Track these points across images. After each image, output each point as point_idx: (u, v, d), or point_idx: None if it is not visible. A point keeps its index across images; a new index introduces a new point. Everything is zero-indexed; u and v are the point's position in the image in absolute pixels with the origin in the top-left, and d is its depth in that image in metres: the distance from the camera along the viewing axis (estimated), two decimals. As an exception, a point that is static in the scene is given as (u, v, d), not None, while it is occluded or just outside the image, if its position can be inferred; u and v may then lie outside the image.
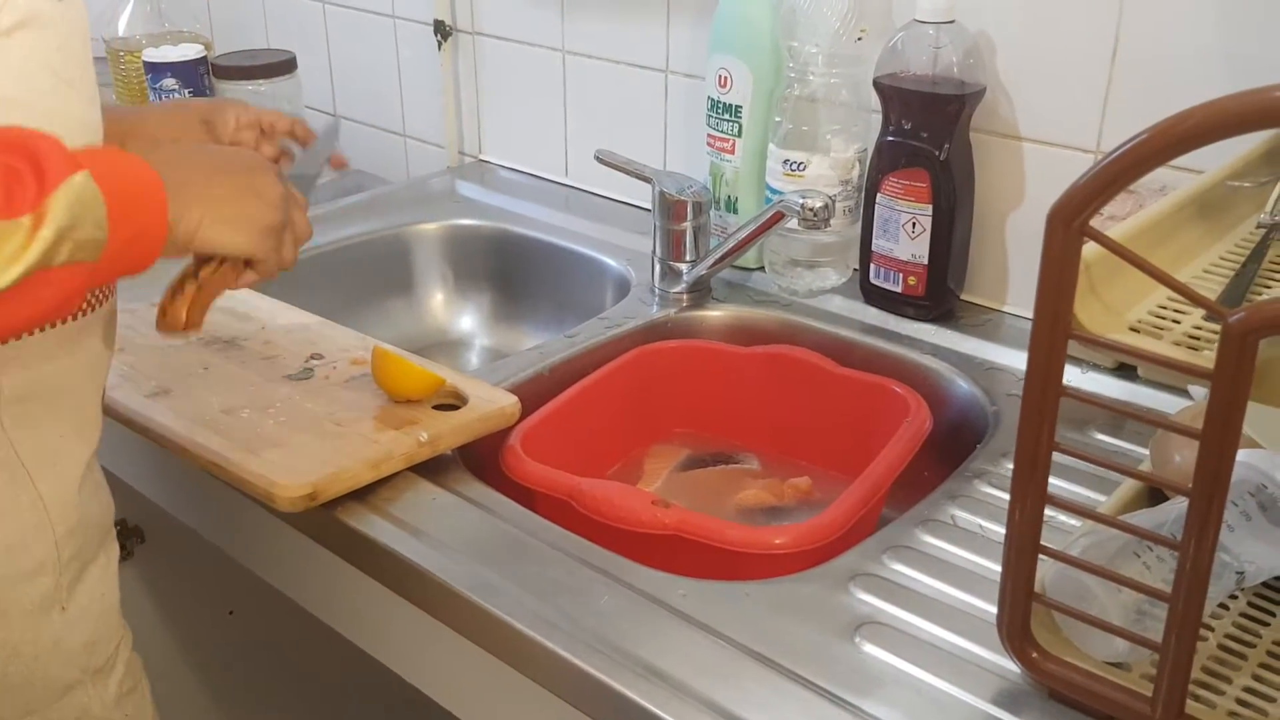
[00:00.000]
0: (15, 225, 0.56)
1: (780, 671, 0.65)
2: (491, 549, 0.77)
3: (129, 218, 0.62)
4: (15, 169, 0.58)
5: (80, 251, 0.59)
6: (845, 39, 1.04)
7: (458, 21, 1.45)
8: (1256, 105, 0.45)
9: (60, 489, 0.71)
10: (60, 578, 0.72)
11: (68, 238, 0.58)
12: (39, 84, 0.65)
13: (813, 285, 1.12)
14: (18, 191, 0.57)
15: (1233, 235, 0.70)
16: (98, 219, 0.60)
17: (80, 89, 0.69)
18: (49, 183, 0.58)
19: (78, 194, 0.59)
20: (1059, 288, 0.52)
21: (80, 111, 0.69)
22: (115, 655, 0.78)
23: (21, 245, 0.57)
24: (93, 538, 0.75)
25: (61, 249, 0.58)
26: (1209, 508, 0.51)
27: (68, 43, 0.67)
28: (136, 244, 0.64)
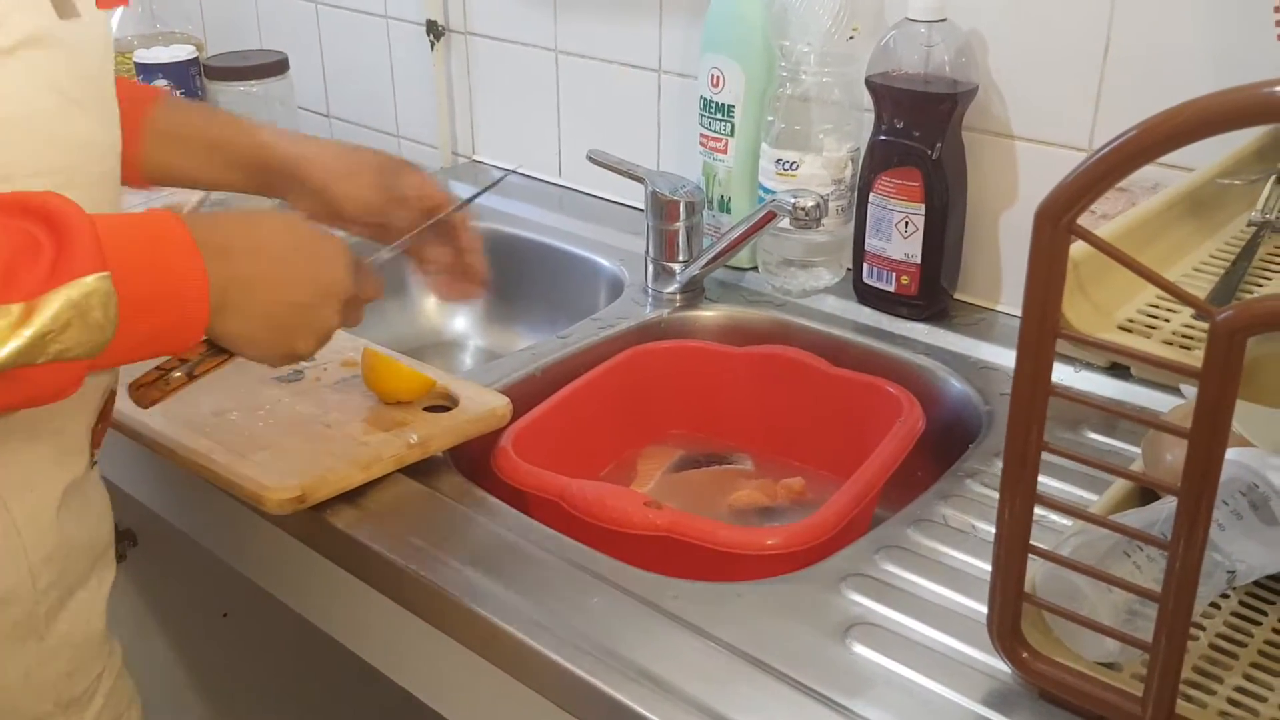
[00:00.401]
0: (2, 312, 0.53)
1: (771, 673, 0.65)
2: (482, 551, 0.76)
3: (155, 314, 0.59)
4: (35, 243, 0.55)
5: (71, 351, 0.56)
6: (837, 38, 1.03)
7: (450, 21, 1.45)
8: (1245, 102, 0.45)
9: (37, 513, 0.67)
10: (37, 606, 0.68)
11: (54, 340, 0.54)
12: (43, 104, 0.62)
13: (806, 285, 1.12)
14: (23, 272, 0.54)
15: (1223, 233, 0.70)
16: (102, 320, 0.56)
17: (92, 110, 0.66)
18: (60, 273, 0.54)
19: (83, 295, 0.55)
20: (1047, 287, 0.51)
21: (89, 133, 0.66)
22: (96, 685, 0.74)
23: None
24: (77, 563, 0.71)
25: (45, 349, 0.54)
26: (1198, 507, 0.50)
27: (77, 62, 0.64)
28: (161, 339, 0.62)
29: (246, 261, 0.66)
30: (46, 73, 0.62)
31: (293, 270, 0.68)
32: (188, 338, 0.63)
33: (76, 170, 0.65)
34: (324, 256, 0.71)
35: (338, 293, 0.71)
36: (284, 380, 0.92)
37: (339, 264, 0.71)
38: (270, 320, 0.68)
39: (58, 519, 0.69)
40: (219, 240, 0.64)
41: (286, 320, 0.68)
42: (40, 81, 0.62)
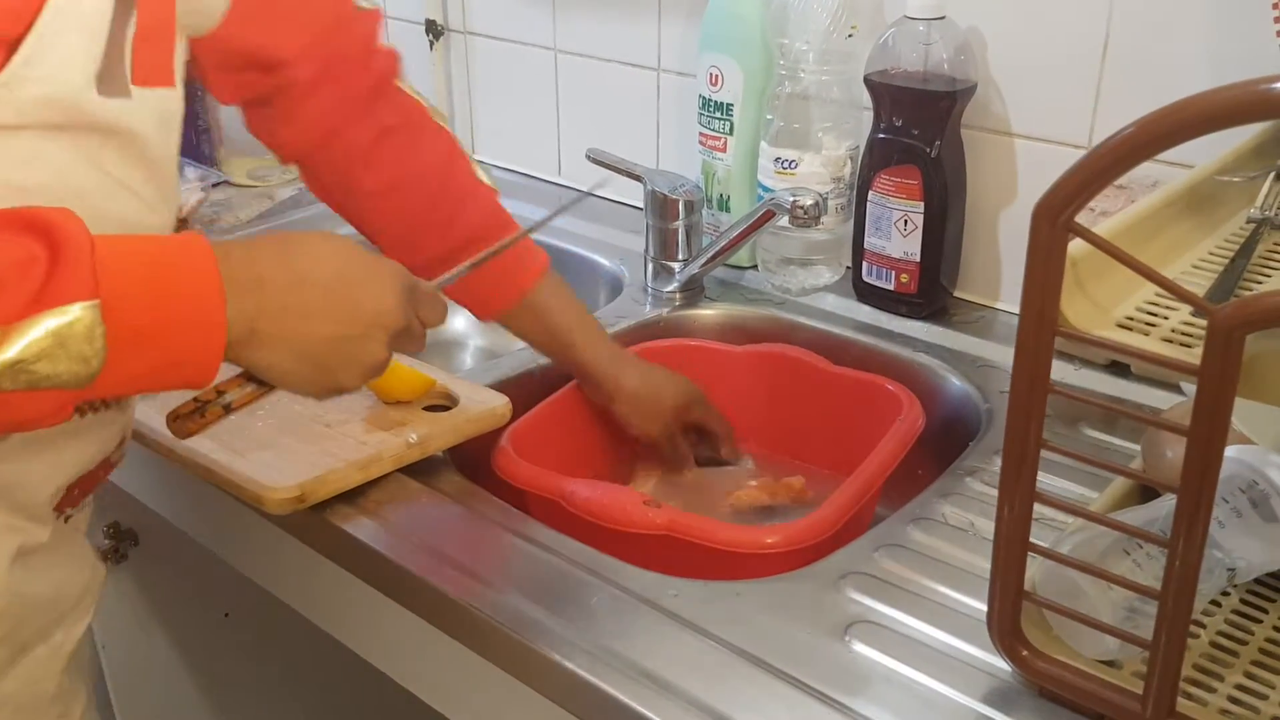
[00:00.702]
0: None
1: (770, 671, 0.65)
2: (481, 551, 0.76)
3: (158, 347, 0.56)
4: (29, 261, 0.51)
5: (48, 381, 0.52)
6: (836, 36, 1.03)
7: (449, 21, 1.45)
8: (1243, 98, 0.45)
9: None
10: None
11: (25, 369, 0.51)
12: (86, 183, 0.59)
13: (806, 283, 1.12)
14: (7, 293, 0.51)
15: (1223, 230, 0.70)
16: (83, 353, 0.52)
17: (143, 192, 0.63)
18: (47, 298, 0.51)
19: (65, 325, 0.51)
20: (1045, 285, 0.51)
21: (138, 215, 0.63)
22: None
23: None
24: (35, 620, 0.67)
25: (17, 377, 0.51)
26: (1197, 504, 0.50)
27: (134, 146, 0.62)
28: (170, 373, 0.57)
29: (280, 291, 0.61)
30: (96, 154, 0.60)
31: (333, 301, 0.64)
32: (202, 371, 0.58)
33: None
34: (371, 285, 0.66)
35: (385, 324, 0.66)
36: (283, 380, 0.92)
37: (388, 292, 0.66)
38: (306, 353, 0.63)
39: (9, 576, 0.64)
40: (249, 267, 0.60)
41: (325, 353, 0.64)
42: (86, 160, 0.60)
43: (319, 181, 0.87)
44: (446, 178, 0.87)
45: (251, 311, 0.60)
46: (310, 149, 0.84)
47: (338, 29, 0.81)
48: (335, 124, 0.83)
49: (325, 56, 0.80)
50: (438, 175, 0.86)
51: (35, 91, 0.56)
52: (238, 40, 0.75)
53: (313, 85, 0.80)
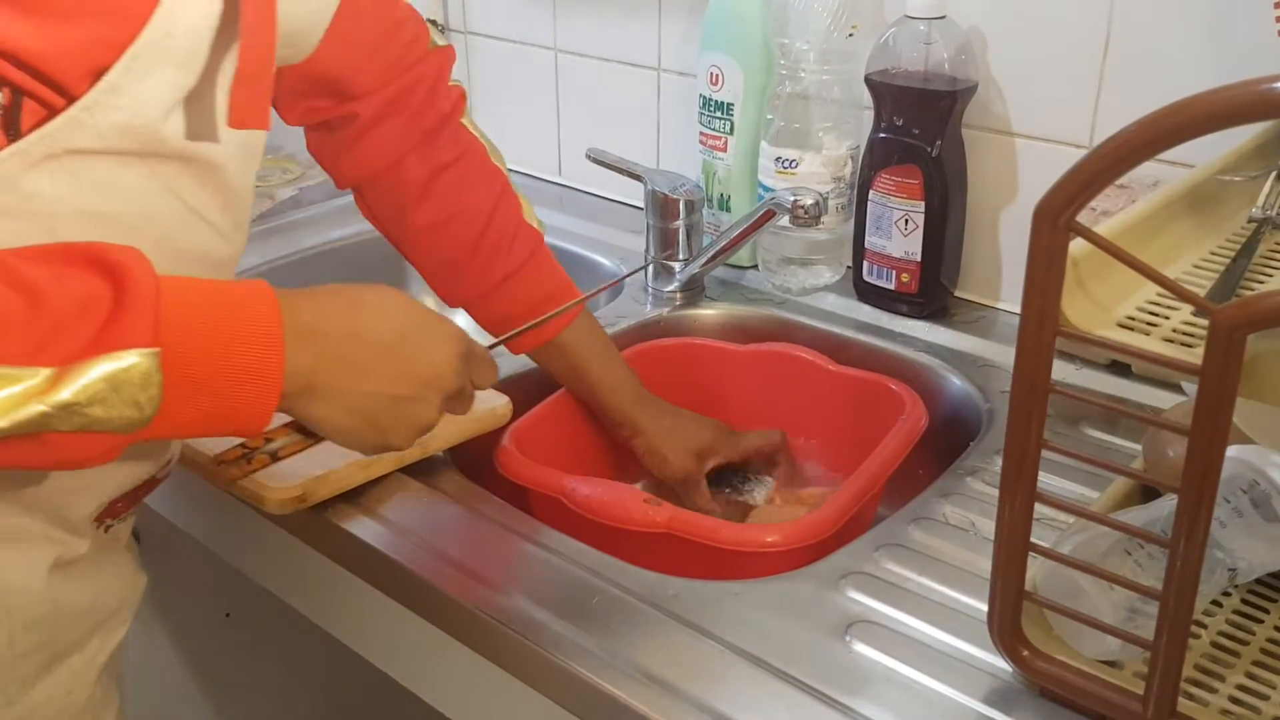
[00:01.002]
0: (25, 374, 0.49)
1: (771, 671, 0.65)
2: (481, 550, 0.76)
3: (213, 395, 0.55)
4: (94, 301, 0.51)
5: (100, 425, 0.52)
6: (836, 35, 1.03)
7: (450, 21, 1.45)
8: (1245, 97, 0.45)
9: (26, 577, 0.62)
10: (10, 672, 0.63)
11: (80, 412, 0.51)
12: (159, 208, 0.59)
13: (806, 283, 1.12)
14: (68, 333, 0.50)
15: (1224, 230, 0.70)
16: (136, 400, 0.52)
17: (216, 223, 0.63)
18: (106, 341, 0.51)
19: (122, 370, 0.51)
20: (1046, 284, 0.51)
21: (207, 245, 0.63)
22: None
23: (13, 402, 0.49)
24: (71, 629, 0.66)
25: (70, 419, 0.51)
26: (1199, 505, 0.50)
27: (212, 177, 0.62)
28: (222, 421, 0.57)
29: (341, 345, 0.61)
30: (173, 181, 0.60)
31: (393, 360, 0.64)
32: (254, 422, 0.57)
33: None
34: (430, 348, 0.66)
35: (440, 387, 0.66)
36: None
37: (447, 355, 0.67)
38: (360, 410, 0.63)
39: (49, 585, 0.64)
40: (312, 319, 0.60)
41: (378, 412, 0.64)
42: (163, 188, 0.59)
43: (371, 209, 0.87)
44: (493, 217, 0.86)
45: (309, 365, 0.59)
46: (367, 178, 0.85)
47: (413, 65, 0.82)
48: (395, 157, 0.83)
49: (397, 91, 0.81)
50: (485, 215, 0.86)
51: (117, 119, 0.56)
52: (319, 69, 0.76)
53: (380, 117, 0.81)
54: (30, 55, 0.52)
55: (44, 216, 0.55)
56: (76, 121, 0.54)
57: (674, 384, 1.05)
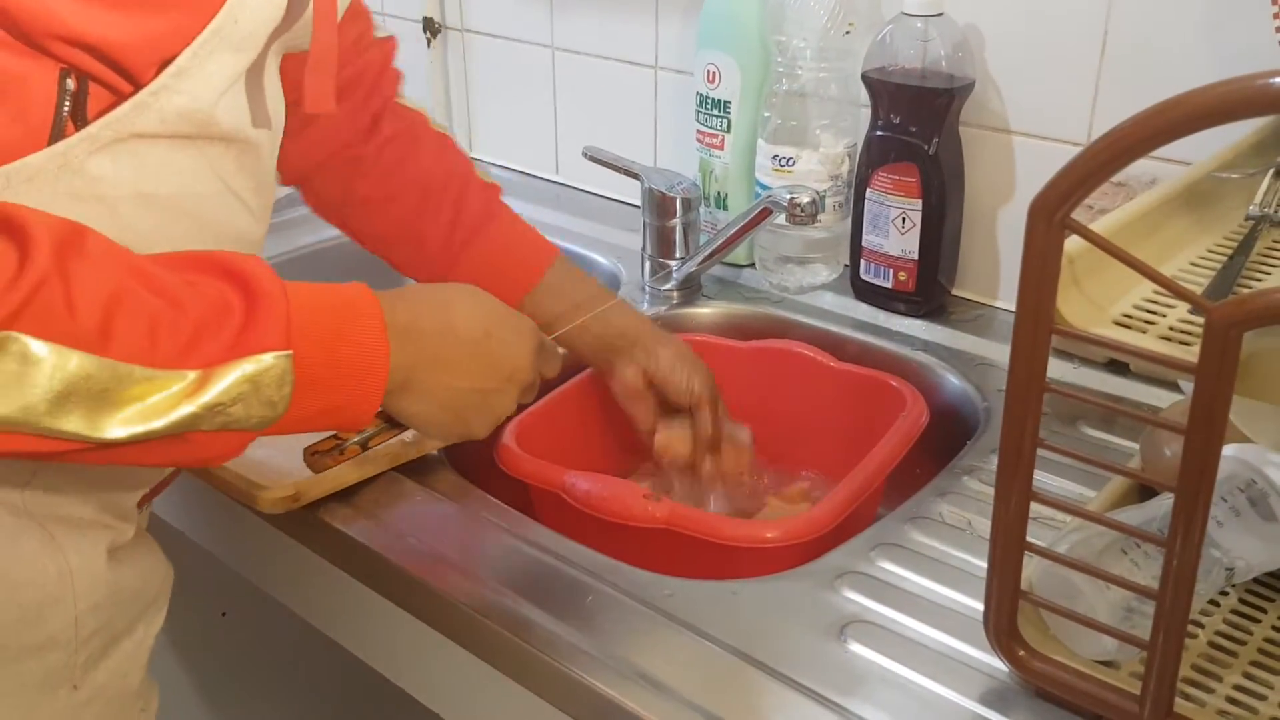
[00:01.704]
0: (174, 378, 0.52)
1: (766, 671, 0.64)
2: (476, 550, 0.76)
3: (330, 393, 0.59)
4: (227, 307, 0.55)
5: (239, 424, 0.55)
6: (833, 33, 1.03)
7: (446, 19, 1.45)
8: (1241, 94, 0.44)
9: (90, 561, 0.65)
10: (75, 655, 0.65)
11: (223, 411, 0.54)
12: (203, 189, 0.61)
13: (803, 281, 1.11)
14: (209, 338, 0.53)
15: (1221, 227, 0.70)
16: (274, 397, 0.56)
17: (251, 205, 0.66)
18: (244, 344, 0.54)
19: (260, 372, 0.54)
20: (1041, 282, 0.51)
21: (244, 227, 0.66)
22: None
23: (163, 405, 0.52)
24: (125, 612, 0.69)
25: (213, 419, 0.54)
26: (1195, 504, 0.50)
27: (250, 159, 0.64)
28: (335, 415, 0.61)
29: (435, 343, 0.66)
30: (218, 162, 0.62)
31: (479, 355, 0.68)
32: (361, 416, 0.62)
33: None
34: (512, 342, 0.71)
35: (518, 380, 0.71)
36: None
37: (526, 350, 0.71)
38: (449, 403, 0.68)
39: (110, 567, 0.66)
40: (408, 319, 0.64)
41: (465, 404, 0.68)
42: (208, 168, 0.62)
43: (319, 196, 0.88)
44: (447, 178, 0.88)
45: (409, 363, 0.64)
46: (315, 165, 0.85)
47: (363, 52, 0.84)
48: (344, 141, 0.85)
49: (349, 77, 0.82)
50: (438, 176, 0.87)
51: (179, 103, 0.58)
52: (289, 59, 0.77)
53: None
54: (110, 46, 0.54)
55: (107, 200, 0.57)
56: (144, 106, 0.57)
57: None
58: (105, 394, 0.51)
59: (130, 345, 0.51)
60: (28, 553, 0.62)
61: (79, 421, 0.51)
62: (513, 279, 0.88)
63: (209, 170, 0.62)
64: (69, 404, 0.50)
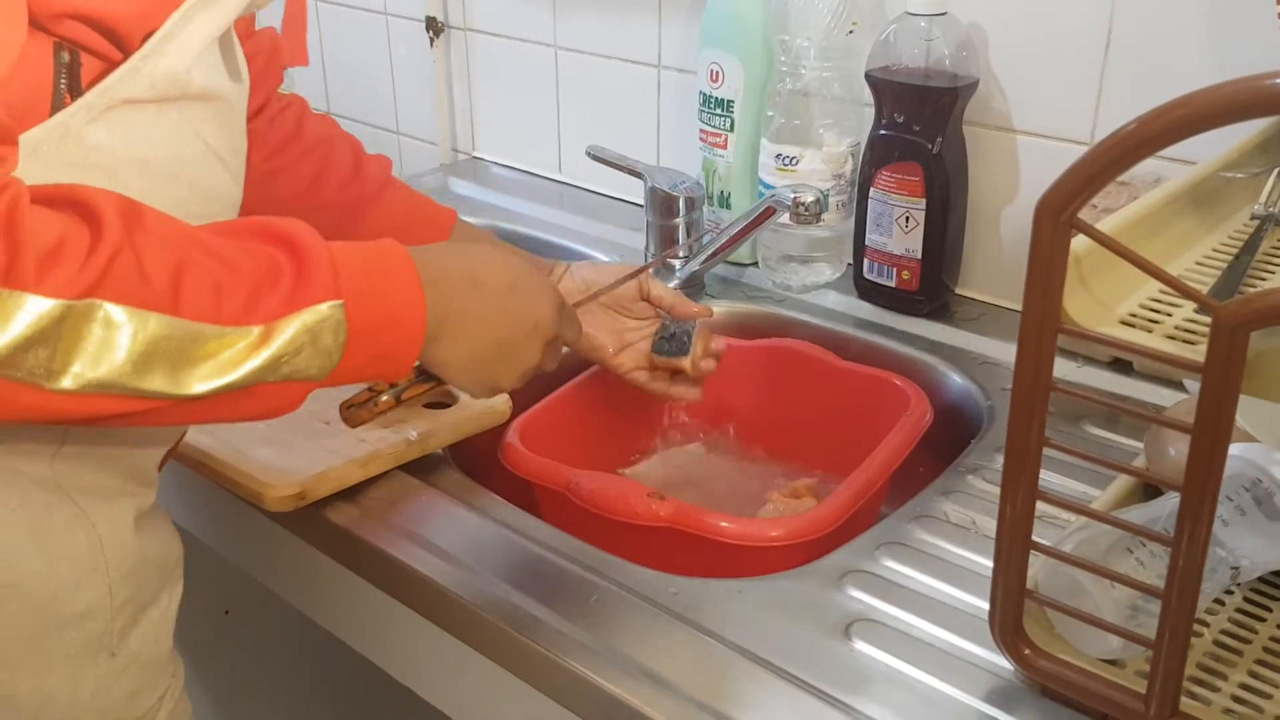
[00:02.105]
0: (243, 333, 0.56)
1: (771, 670, 0.65)
2: (481, 548, 0.76)
3: (378, 340, 0.61)
4: (277, 267, 0.58)
5: (302, 372, 0.58)
6: (837, 32, 1.03)
7: (450, 18, 1.45)
8: (1247, 94, 0.44)
9: (120, 529, 0.67)
10: (112, 622, 0.68)
11: (287, 362, 0.57)
12: (188, 151, 0.64)
13: (807, 280, 1.11)
14: (265, 294, 0.57)
15: (1226, 227, 0.70)
16: (331, 346, 0.59)
17: (230, 164, 0.68)
18: (299, 298, 0.57)
19: (318, 322, 0.58)
20: (1048, 282, 0.51)
21: (225, 186, 0.68)
22: (159, 705, 0.73)
23: (235, 358, 0.56)
24: (150, 580, 0.71)
25: (279, 369, 0.57)
26: (1201, 503, 0.50)
27: (225, 117, 0.66)
28: (379, 364, 0.63)
29: (464, 295, 0.68)
30: (198, 123, 0.64)
31: (506, 306, 0.71)
32: (403, 364, 0.64)
33: (206, 219, 0.64)
34: (535, 296, 0.73)
35: (543, 333, 0.73)
36: (283, 378, 0.92)
37: (548, 304, 0.74)
38: (479, 353, 0.70)
39: (137, 535, 0.69)
40: (438, 271, 0.66)
41: (494, 354, 0.71)
42: (191, 130, 0.63)
43: None
44: (341, 146, 0.91)
45: (442, 311, 0.66)
46: None
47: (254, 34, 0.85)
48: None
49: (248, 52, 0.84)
50: (334, 144, 0.91)
51: (164, 65, 0.60)
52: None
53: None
54: (106, 17, 0.57)
55: (105, 168, 0.59)
56: (135, 71, 0.59)
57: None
58: (183, 352, 0.54)
59: (198, 306, 0.54)
60: (59, 526, 0.64)
61: (162, 380, 0.54)
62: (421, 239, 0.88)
63: (192, 133, 0.64)
64: (152, 364, 0.54)
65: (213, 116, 0.65)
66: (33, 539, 0.63)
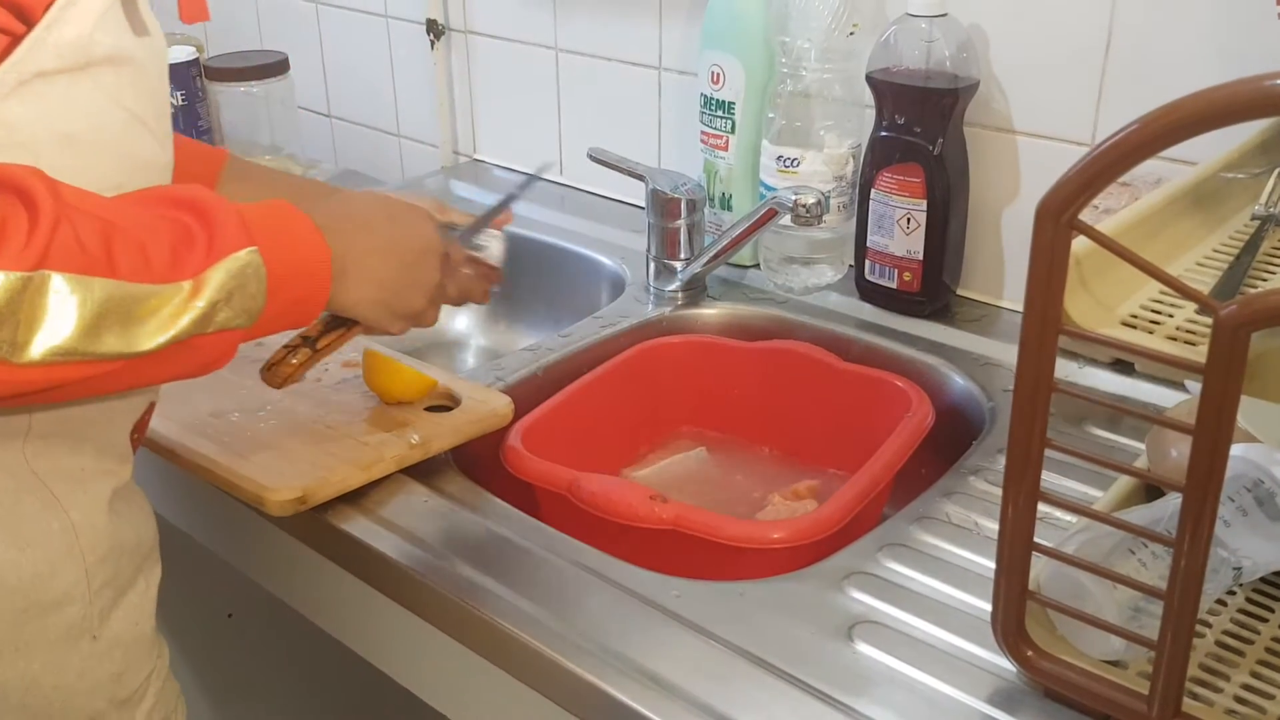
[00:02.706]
0: (175, 289, 0.59)
1: (774, 672, 0.65)
2: (483, 551, 0.76)
3: (291, 286, 0.65)
4: (189, 229, 0.61)
5: (234, 320, 0.62)
6: (837, 34, 1.03)
7: (450, 20, 1.45)
8: (1248, 95, 0.44)
9: (91, 515, 0.68)
10: (90, 606, 0.69)
11: (221, 308, 0.60)
12: (111, 121, 0.64)
13: (808, 282, 1.11)
14: (185, 254, 0.60)
15: (1227, 227, 0.70)
16: (255, 291, 0.62)
17: (154, 129, 0.68)
18: (216, 250, 0.60)
19: (241, 269, 0.61)
20: (1049, 283, 0.51)
21: (152, 152, 0.68)
22: (146, 684, 0.75)
23: (175, 312, 0.59)
24: (127, 564, 0.72)
25: (214, 318, 0.60)
26: (1203, 504, 0.50)
27: (143, 80, 0.66)
28: (294, 310, 0.67)
29: (355, 234, 0.73)
30: (115, 90, 0.64)
31: (393, 236, 0.76)
32: (316, 307, 0.68)
33: (137, 187, 0.66)
34: (414, 221, 0.79)
35: (433, 249, 0.78)
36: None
37: (428, 225, 0.79)
38: (384, 285, 0.74)
39: (110, 520, 0.70)
40: (327, 219, 0.69)
41: (398, 282, 0.75)
42: (109, 98, 0.64)
43: None
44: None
45: (341, 251, 0.70)
46: None
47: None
48: None
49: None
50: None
51: (67, 33, 0.60)
52: None
53: None
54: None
55: (28, 147, 0.60)
56: (40, 43, 0.59)
57: (679, 382, 1.05)
58: (129, 313, 0.57)
59: (133, 268, 0.58)
60: (30, 512, 0.65)
61: (115, 339, 0.57)
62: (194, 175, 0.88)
63: (110, 101, 0.64)
64: (103, 326, 0.56)
65: (130, 82, 0.66)
66: (3, 528, 0.64)
